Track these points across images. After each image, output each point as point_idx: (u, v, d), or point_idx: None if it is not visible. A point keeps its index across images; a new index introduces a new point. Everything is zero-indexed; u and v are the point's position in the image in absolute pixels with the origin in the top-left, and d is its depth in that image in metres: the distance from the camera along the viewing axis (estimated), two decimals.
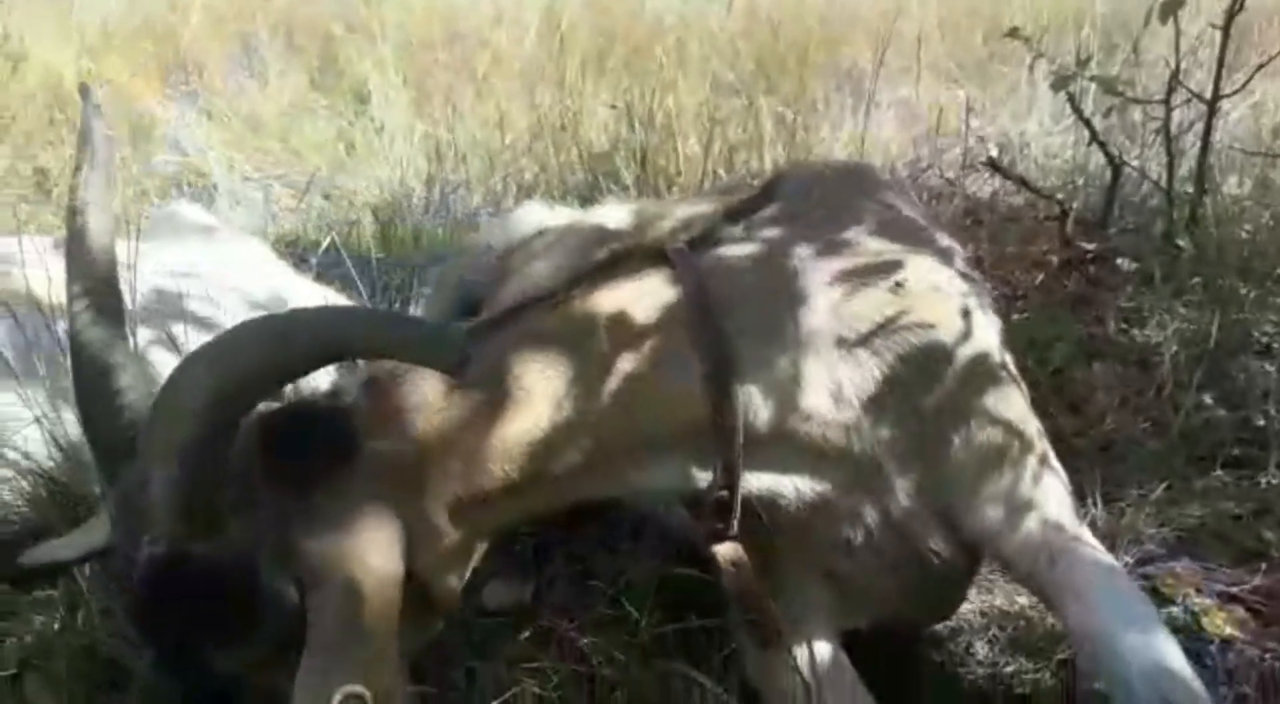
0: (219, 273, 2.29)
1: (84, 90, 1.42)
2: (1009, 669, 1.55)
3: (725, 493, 1.27)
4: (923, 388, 1.32)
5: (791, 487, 1.31)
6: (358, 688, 1.05)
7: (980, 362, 1.35)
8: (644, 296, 1.29)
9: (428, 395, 1.20)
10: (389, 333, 1.07)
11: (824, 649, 1.38)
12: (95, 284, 1.23)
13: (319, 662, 1.08)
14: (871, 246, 1.40)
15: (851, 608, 1.43)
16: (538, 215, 2.15)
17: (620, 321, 1.26)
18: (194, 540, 1.06)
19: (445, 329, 1.09)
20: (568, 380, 1.22)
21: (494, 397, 1.20)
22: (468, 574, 1.26)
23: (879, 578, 1.39)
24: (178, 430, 1.03)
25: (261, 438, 1.13)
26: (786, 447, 1.29)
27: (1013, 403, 1.37)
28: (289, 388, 1.19)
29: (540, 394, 1.21)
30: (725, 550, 1.35)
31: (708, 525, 1.32)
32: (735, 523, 1.30)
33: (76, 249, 1.25)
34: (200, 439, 1.03)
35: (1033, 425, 1.40)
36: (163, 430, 1.05)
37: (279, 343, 1.05)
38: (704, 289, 1.28)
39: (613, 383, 1.23)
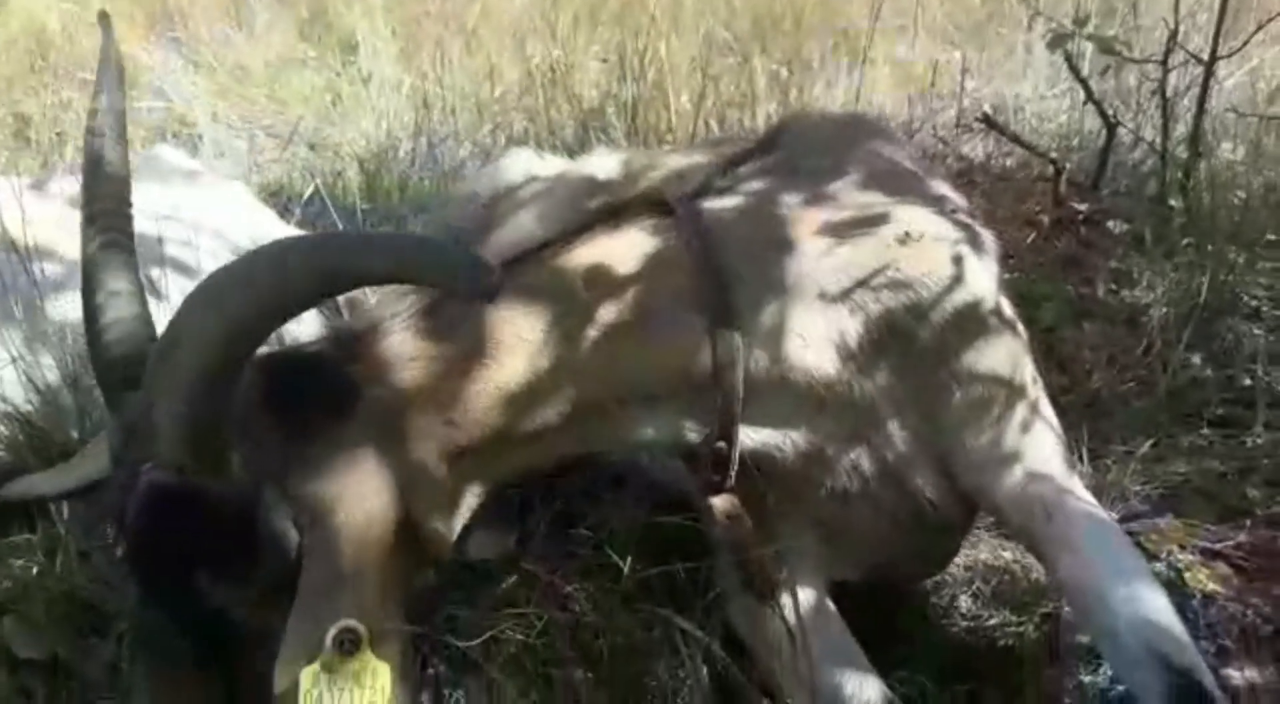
0: (201, 216, 2.25)
1: (104, 19, 1.40)
2: (992, 622, 1.56)
3: (723, 445, 1.26)
4: (920, 337, 1.31)
5: (788, 438, 1.30)
6: (352, 622, 1.04)
7: (976, 310, 1.34)
8: (645, 246, 1.27)
9: (421, 346, 1.18)
10: (417, 257, 1.01)
11: (811, 598, 1.38)
12: (108, 207, 1.23)
13: (312, 602, 1.07)
14: (869, 196, 1.38)
15: (844, 558, 1.43)
16: (526, 163, 2.12)
17: (620, 271, 1.24)
18: (196, 473, 1.04)
19: (477, 255, 1.05)
20: (565, 331, 1.20)
21: (491, 347, 1.18)
22: (460, 524, 1.25)
23: (874, 528, 1.38)
24: (189, 360, 1.00)
25: (263, 382, 1.11)
26: (786, 397, 1.28)
27: (1009, 352, 1.36)
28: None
29: (537, 345, 1.19)
30: (721, 503, 1.34)
31: (704, 478, 1.31)
32: (732, 475, 1.29)
33: (92, 172, 1.24)
34: (211, 371, 1.00)
35: (1028, 374, 1.39)
36: (173, 359, 1.02)
37: (296, 267, 1.02)
38: (706, 239, 1.26)
39: (611, 333, 1.22)
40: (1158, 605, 1.20)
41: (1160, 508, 1.73)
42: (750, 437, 1.28)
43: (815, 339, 1.26)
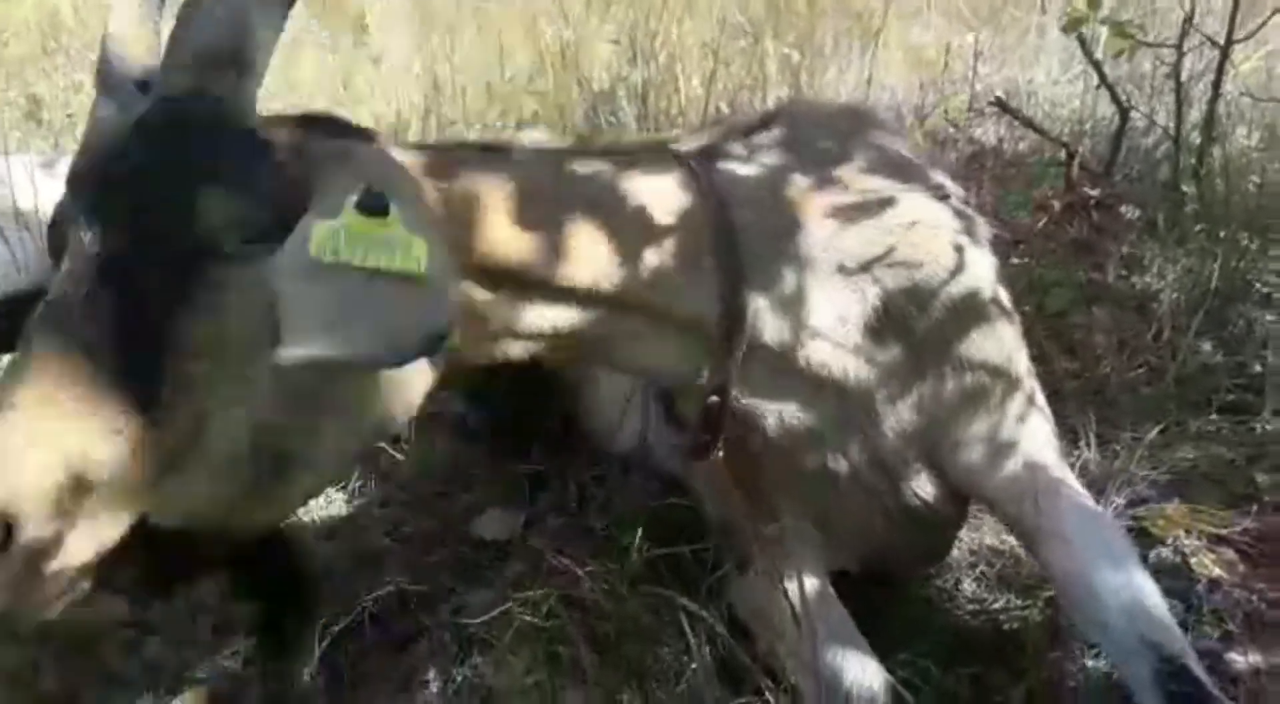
0: None
1: None
2: (996, 606, 1.56)
3: (716, 400, 1.25)
4: (917, 324, 1.30)
5: (779, 411, 1.29)
6: (375, 184, 0.92)
7: (974, 298, 1.33)
8: (665, 186, 1.24)
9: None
10: None
11: (813, 583, 1.38)
12: None
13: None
14: (871, 182, 1.38)
15: (837, 549, 1.43)
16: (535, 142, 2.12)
17: (647, 200, 1.22)
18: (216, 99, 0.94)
19: None
20: (611, 229, 1.17)
21: (543, 215, 1.13)
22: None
23: (866, 521, 1.38)
24: None
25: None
26: (785, 372, 1.27)
27: (1003, 342, 1.36)
28: None
29: (586, 234, 1.15)
30: (705, 468, 1.32)
31: (695, 437, 1.29)
32: (720, 440, 1.27)
33: None
34: None
35: (1022, 365, 1.39)
36: None
37: None
38: (722, 204, 1.24)
39: (641, 248, 1.19)
40: (1148, 594, 1.21)
41: (1167, 493, 1.73)
42: (746, 399, 1.27)
43: (819, 320, 1.26)
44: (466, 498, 1.82)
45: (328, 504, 1.85)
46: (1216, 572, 1.54)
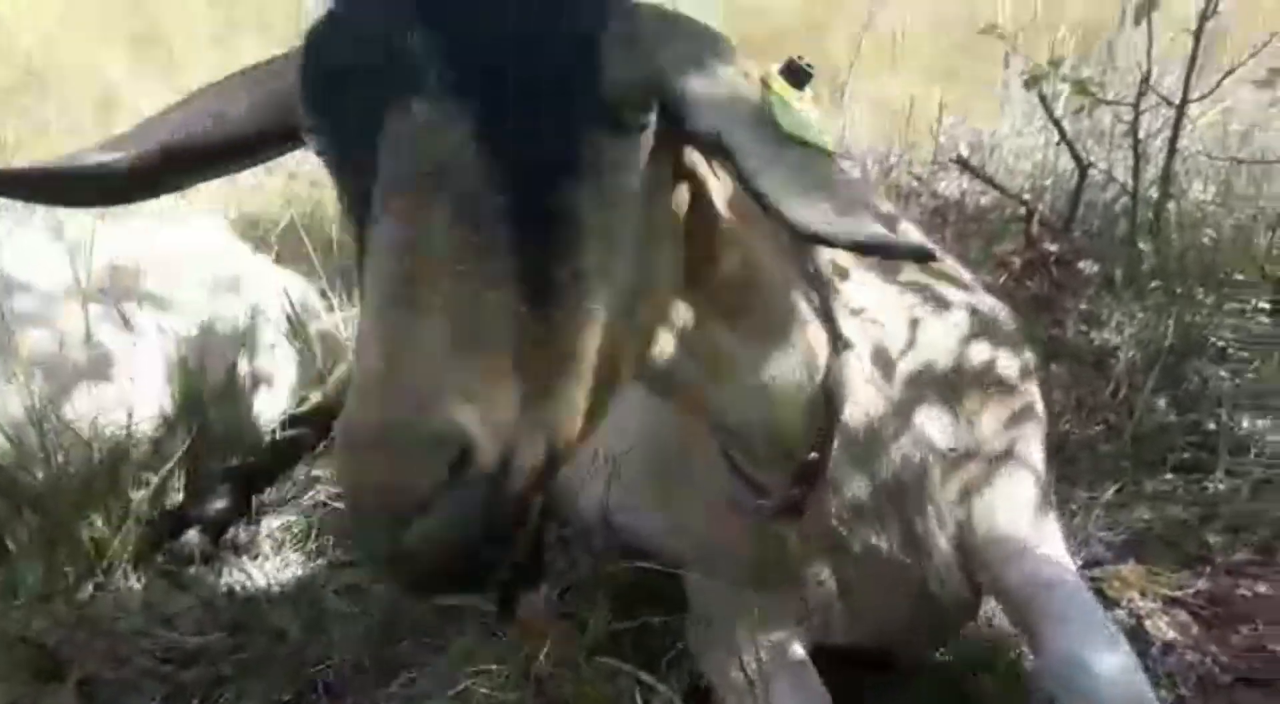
0: (176, 252, 2.26)
1: None
2: (956, 673, 1.56)
3: (815, 456, 1.19)
4: (898, 379, 1.30)
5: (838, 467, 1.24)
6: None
7: (927, 372, 1.32)
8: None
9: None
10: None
11: (786, 649, 1.36)
12: None
13: None
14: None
15: (855, 622, 1.40)
16: None
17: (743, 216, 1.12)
18: None
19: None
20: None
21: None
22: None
23: (892, 597, 1.36)
24: None
25: None
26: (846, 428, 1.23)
27: (973, 410, 1.35)
28: None
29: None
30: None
31: (785, 497, 1.23)
32: (810, 498, 1.22)
33: None
34: None
35: (995, 429, 1.36)
36: None
37: None
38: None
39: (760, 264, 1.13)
40: (1136, 674, 1.21)
41: (1123, 554, 1.74)
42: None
43: (869, 376, 1.25)
44: None
45: (284, 566, 1.83)
46: (1171, 635, 1.56)
